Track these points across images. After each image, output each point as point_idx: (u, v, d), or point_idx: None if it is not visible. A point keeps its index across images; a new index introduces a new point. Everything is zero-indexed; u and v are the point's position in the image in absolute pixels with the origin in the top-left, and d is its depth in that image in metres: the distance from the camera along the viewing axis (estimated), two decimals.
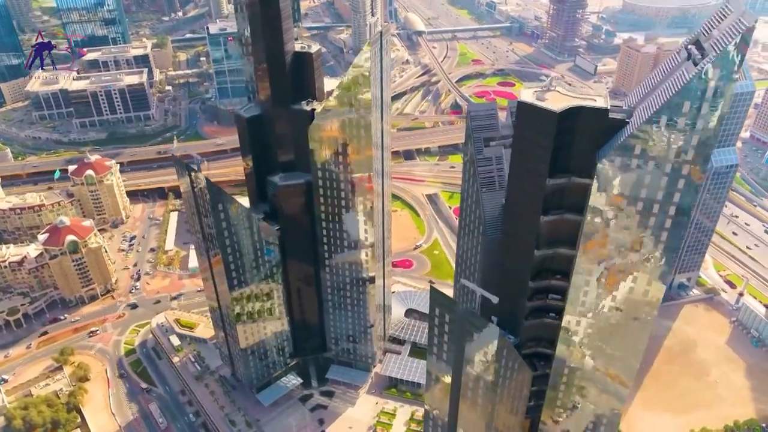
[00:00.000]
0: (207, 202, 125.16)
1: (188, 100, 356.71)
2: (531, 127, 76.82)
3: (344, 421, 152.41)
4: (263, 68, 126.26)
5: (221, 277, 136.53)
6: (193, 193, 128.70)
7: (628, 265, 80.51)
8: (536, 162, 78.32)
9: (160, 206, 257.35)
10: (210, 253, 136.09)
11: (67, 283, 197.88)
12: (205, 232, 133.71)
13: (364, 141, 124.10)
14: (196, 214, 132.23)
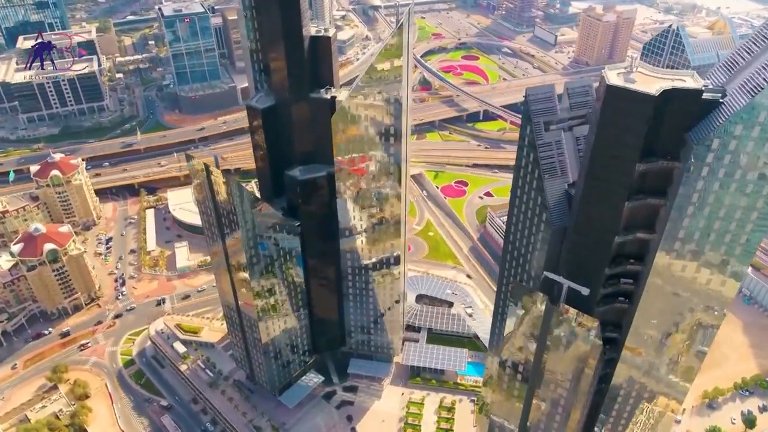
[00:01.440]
0: (232, 202, 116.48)
1: (142, 87, 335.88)
2: (623, 112, 73.92)
3: (374, 416, 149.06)
4: (280, 54, 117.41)
5: (242, 279, 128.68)
6: (210, 192, 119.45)
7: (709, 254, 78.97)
8: (626, 147, 75.70)
9: (132, 204, 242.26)
10: (230, 254, 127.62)
11: (47, 294, 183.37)
12: (225, 233, 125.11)
13: (395, 122, 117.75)
14: (214, 213, 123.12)
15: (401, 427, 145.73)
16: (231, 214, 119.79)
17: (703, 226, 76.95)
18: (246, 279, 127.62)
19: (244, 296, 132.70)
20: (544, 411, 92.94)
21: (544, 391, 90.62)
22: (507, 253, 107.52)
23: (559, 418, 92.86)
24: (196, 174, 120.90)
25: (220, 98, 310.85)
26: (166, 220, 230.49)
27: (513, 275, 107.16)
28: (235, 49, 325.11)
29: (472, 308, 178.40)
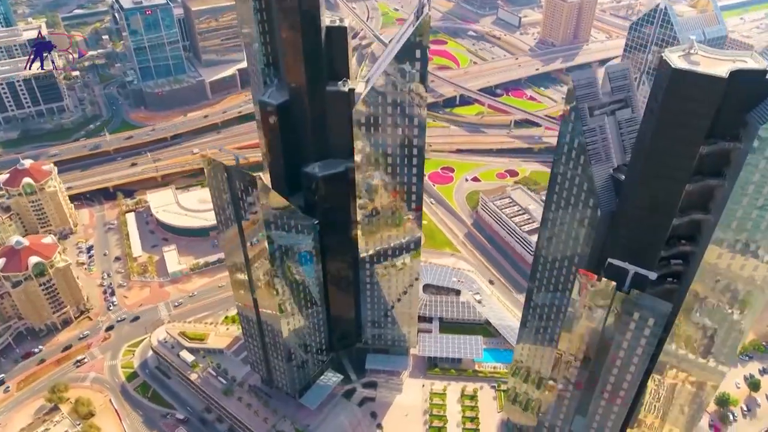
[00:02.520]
0: (257, 203, 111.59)
1: (102, 85, 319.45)
2: (690, 95, 73.83)
3: (397, 410, 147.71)
4: (296, 46, 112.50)
5: (264, 280, 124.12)
6: (231, 193, 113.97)
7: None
8: (691, 129, 75.76)
9: (109, 209, 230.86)
10: (251, 256, 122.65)
11: (34, 310, 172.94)
12: (244, 235, 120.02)
13: (417, 111, 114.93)
14: (233, 213, 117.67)
15: (427, 419, 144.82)
16: (252, 215, 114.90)
17: (762, 204, 77.96)
18: (268, 280, 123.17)
19: (264, 298, 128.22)
20: (604, 399, 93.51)
21: (604, 378, 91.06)
22: (543, 240, 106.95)
23: (618, 408, 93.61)
24: (215, 174, 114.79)
25: (188, 93, 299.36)
26: (149, 224, 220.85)
27: (550, 263, 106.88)
28: (199, 41, 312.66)
29: (480, 294, 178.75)
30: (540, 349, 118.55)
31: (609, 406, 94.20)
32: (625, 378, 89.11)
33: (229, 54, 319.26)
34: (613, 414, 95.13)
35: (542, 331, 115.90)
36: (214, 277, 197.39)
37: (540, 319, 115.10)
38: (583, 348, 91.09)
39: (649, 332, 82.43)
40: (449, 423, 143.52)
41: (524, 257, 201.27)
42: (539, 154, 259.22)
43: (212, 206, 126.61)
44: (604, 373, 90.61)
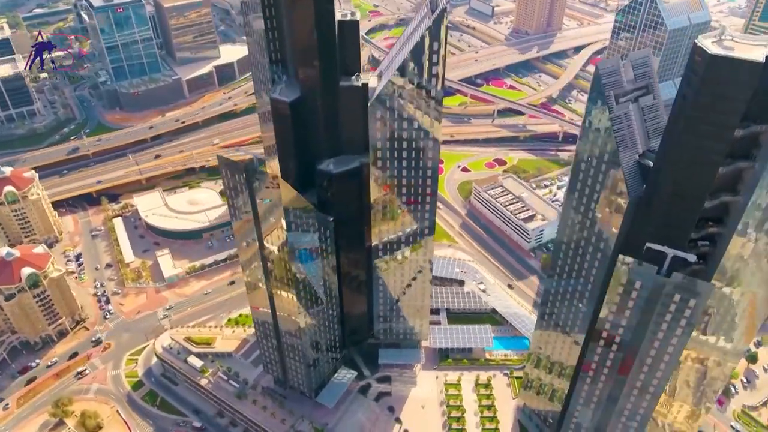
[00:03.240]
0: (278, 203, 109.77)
1: (72, 86, 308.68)
2: (727, 80, 75.48)
3: (414, 403, 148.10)
4: (310, 42, 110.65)
5: (283, 281, 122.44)
6: (249, 193, 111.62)
7: None
8: (727, 114, 77.36)
9: (94, 214, 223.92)
10: (269, 256, 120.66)
11: (29, 323, 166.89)
12: (262, 235, 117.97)
13: (434, 105, 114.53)
14: (251, 214, 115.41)
15: (444, 410, 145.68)
16: (272, 215, 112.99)
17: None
18: (286, 279, 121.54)
19: (282, 297, 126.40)
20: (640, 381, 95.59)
21: (640, 362, 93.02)
22: (565, 228, 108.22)
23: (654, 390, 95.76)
24: (232, 175, 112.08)
25: (164, 93, 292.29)
26: (138, 228, 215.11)
27: (573, 251, 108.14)
28: (173, 38, 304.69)
29: (484, 284, 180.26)
30: (561, 337, 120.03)
31: (644, 388, 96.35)
32: (663, 359, 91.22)
33: (204, 51, 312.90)
34: (648, 395, 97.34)
35: (563, 318, 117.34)
36: (211, 279, 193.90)
37: (561, 307, 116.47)
38: (620, 332, 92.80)
39: (690, 313, 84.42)
40: (467, 412, 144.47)
41: (520, 245, 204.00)
42: (525, 142, 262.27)
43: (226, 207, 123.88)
44: (641, 357, 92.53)
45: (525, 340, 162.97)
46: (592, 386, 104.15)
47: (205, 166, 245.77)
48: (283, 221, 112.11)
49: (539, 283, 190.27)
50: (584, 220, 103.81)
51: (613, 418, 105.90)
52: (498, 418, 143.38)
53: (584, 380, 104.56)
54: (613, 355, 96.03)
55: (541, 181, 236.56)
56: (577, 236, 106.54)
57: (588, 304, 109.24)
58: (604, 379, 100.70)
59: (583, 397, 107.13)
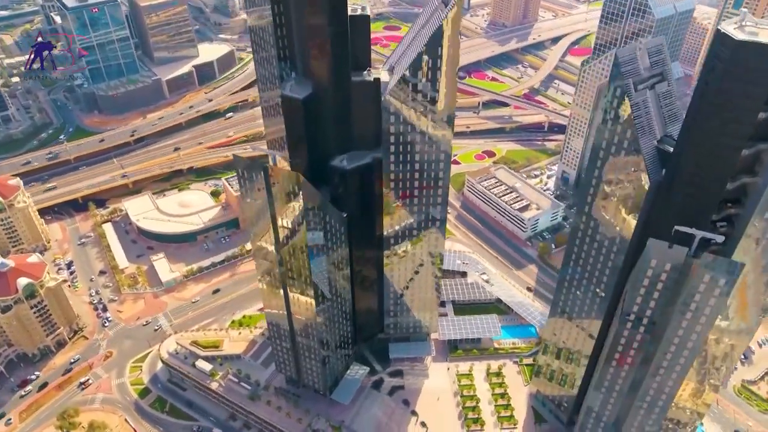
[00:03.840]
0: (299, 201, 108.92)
1: (46, 90, 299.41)
2: (753, 65, 77.79)
3: (428, 395, 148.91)
4: (323, 38, 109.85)
5: (300, 278, 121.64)
6: (268, 192, 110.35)
7: None
8: (751, 98, 79.81)
9: (82, 221, 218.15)
10: (286, 255, 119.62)
11: (26, 335, 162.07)
12: (278, 233, 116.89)
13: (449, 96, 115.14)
14: (269, 213, 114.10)
15: (459, 401, 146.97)
16: (291, 213, 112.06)
17: None
18: (303, 278, 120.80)
19: (298, 296, 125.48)
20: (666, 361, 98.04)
21: (666, 342, 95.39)
22: (582, 214, 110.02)
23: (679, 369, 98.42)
24: (250, 174, 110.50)
25: (144, 94, 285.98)
26: (129, 233, 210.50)
27: (590, 238, 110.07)
28: (150, 38, 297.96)
29: (487, 274, 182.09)
30: (576, 324, 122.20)
31: (670, 369, 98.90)
32: (690, 339, 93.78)
33: (182, 50, 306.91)
34: (672, 377, 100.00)
35: (579, 305, 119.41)
36: (210, 282, 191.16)
37: (577, 294, 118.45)
38: (647, 315, 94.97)
39: (719, 292, 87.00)
40: (481, 401, 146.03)
41: (516, 234, 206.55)
42: (512, 133, 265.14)
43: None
44: (667, 338, 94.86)
45: (531, 328, 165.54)
46: (615, 370, 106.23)
47: (193, 168, 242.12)
48: (304, 219, 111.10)
49: (538, 271, 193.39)
50: (601, 207, 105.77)
51: (636, 401, 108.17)
52: (512, 406, 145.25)
53: (609, 363, 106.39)
54: (639, 337, 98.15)
55: (531, 171, 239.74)
56: (594, 223, 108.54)
57: (606, 289, 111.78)
58: (628, 362, 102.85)
59: (607, 380, 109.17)
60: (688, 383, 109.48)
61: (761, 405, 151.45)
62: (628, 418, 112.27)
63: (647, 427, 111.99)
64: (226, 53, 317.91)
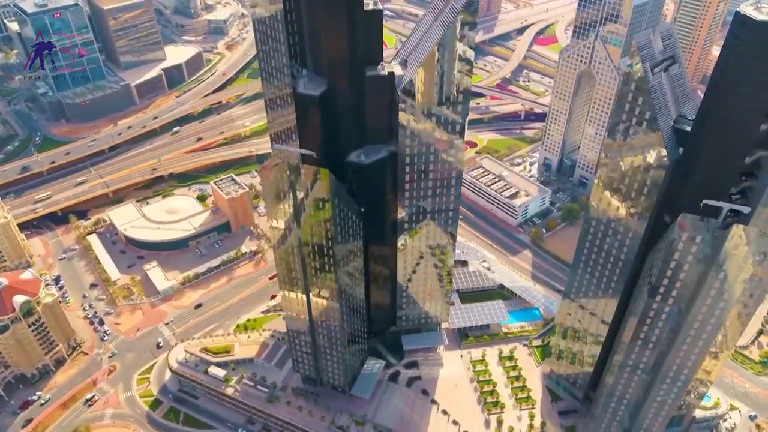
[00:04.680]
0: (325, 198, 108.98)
1: (5, 100, 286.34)
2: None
3: (446, 383, 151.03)
4: (341, 32, 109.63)
5: (324, 275, 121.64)
6: (292, 189, 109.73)
7: None
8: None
9: (64, 234, 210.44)
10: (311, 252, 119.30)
11: (24, 355, 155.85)
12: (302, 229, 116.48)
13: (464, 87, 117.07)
14: (293, 211, 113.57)
15: (476, 386, 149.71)
16: (316, 209, 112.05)
17: None
18: (327, 274, 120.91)
19: (319, 292, 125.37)
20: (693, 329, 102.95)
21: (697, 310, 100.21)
22: (599, 192, 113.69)
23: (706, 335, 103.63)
24: (278, 172, 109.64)
25: (113, 100, 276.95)
26: (117, 244, 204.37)
27: (606, 216, 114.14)
28: (115, 42, 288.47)
29: (487, 262, 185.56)
30: (594, 302, 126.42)
31: (696, 338, 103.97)
32: (717, 307, 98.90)
33: (148, 54, 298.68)
34: (698, 347, 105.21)
35: (596, 284, 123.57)
36: (209, 287, 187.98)
37: (594, 273, 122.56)
38: (677, 287, 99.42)
39: (750, 261, 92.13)
40: (498, 385, 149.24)
41: (507, 221, 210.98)
42: (490, 123, 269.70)
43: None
44: (696, 309, 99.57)
45: (535, 310, 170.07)
46: (642, 345, 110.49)
47: (174, 173, 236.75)
48: (331, 216, 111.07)
49: (532, 256, 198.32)
50: (619, 185, 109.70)
51: (660, 376, 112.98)
52: (528, 387, 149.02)
53: (636, 338, 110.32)
54: (668, 309, 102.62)
55: (513, 159, 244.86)
56: (612, 201, 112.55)
57: (624, 267, 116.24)
58: (655, 337, 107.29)
59: (632, 358, 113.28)
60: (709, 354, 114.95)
61: (755, 368, 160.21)
62: (651, 392, 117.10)
63: (670, 400, 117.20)
64: (194, 55, 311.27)
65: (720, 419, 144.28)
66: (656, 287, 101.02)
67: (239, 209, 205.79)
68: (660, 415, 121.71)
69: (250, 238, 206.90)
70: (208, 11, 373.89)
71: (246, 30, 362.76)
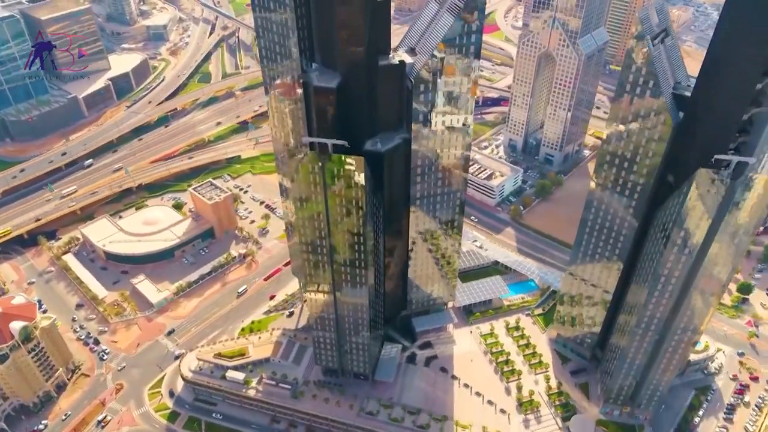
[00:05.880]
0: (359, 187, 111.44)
1: None
2: None
3: (462, 359, 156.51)
4: (357, 24, 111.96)
5: (353, 265, 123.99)
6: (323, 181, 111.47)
7: None
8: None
9: (35, 256, 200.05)
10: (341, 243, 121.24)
11: (25, 383, 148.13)
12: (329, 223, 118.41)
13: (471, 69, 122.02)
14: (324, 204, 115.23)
15: (491, 358, 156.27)
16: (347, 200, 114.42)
17: None
18: (354, 261, 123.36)
19: (347, 281, 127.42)
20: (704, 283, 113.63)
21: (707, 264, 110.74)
22: (605, 157, 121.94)
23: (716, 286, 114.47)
24: (309, 165, 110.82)
25: (61, 114, 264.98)
26: (96, 261, 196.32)
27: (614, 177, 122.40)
28: (56, 53, 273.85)
29: (478, 241, 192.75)
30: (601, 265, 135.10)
31: (709, 284, 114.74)
32: (729, 254, 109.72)
33: (92, 64, 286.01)
34: (710, 288, 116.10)
35: (603, 246, 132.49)
36: (203, 295, 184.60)
37: (600, 235, 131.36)
38: (695, 238, 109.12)
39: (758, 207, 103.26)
40: (511, 354, 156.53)
41: (485, 202, 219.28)
42: None
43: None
44: (710, 257, 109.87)
45: (531, 282, 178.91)
46: (656, 302, 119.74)
47: (143, 184, 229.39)
48: (363, 203, 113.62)
49: (515, 232, 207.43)
50: (626, 148, 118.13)
51: (672, 328, 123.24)
52: (538, 353, 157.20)
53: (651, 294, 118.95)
54: (684, 259, 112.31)
55: (479, 143, 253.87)
56: (618, 164, 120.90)
57: (629, 227, 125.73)
58: (670, 288, 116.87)
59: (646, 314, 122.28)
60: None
61: (729, 312, 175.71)
62: (663, 344, 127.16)
63: (680, 349, 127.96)
64: (140, 63, 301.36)
65: (709, 360, 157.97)
66: (673, 239, 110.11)
67: (223, 214, 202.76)
68: (671, 365, 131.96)
69: (236, 242, 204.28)
70: (145, 17, 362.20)
71: (187, 34, 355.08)
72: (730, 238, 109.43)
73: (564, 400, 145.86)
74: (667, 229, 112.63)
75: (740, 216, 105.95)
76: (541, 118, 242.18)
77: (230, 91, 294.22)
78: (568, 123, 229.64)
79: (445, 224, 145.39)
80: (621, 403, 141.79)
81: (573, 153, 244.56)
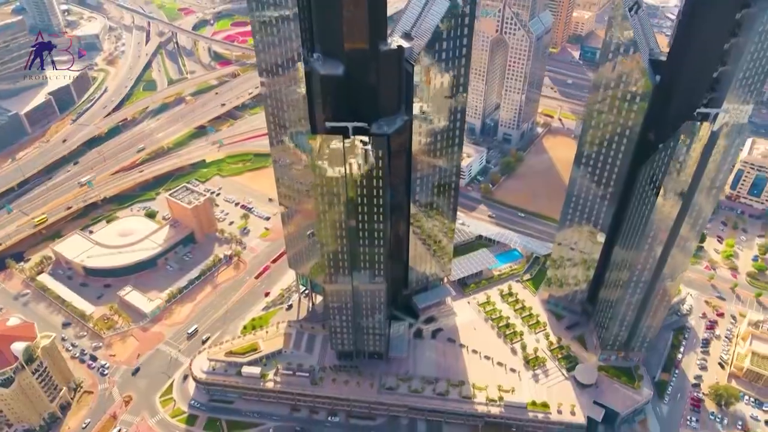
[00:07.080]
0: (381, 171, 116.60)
1: None
2: None
3: (465, 328, 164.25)
4: (360, 12, 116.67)
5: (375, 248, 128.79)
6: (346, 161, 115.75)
7: None
8: None
9: (5, 280, 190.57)
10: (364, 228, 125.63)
11: (30, 406, 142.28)
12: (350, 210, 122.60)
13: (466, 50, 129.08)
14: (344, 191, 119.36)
15: (492, 324, 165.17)
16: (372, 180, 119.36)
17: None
18: (375, 244, 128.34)
19: (363, 263, 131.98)
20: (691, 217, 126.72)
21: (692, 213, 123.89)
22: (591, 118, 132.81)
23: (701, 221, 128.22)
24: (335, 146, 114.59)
25: (3, 132, 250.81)
26: (73, 278, 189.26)
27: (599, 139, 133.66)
28: None
29: (459, 218, 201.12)
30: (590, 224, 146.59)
31: (695, 224, 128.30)
32: (709, 202, 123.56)
33: (28, 78, 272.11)
34: (694, 233, 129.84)
35: (590, 205, 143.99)
36: (196, 299, 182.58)
37: (588, 196, 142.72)
38: (682, 186, 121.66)
39: (734, 150, 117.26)
40: (510, 318, 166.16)
41: None
42: None
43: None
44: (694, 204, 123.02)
45: (515, 251, 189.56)
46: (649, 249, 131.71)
47: (108, 197, 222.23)
48: (383, 184, 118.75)
49: (488, 209, 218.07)
50: (610, 111, 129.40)
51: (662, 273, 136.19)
52: (534, 314, 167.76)
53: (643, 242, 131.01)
54: (672, 205, 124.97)
55: None
56: (603, 126, 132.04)
57: (616, 185, 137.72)
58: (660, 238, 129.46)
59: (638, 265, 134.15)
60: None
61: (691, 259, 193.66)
62: (652, 293, 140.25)
63: (666, 298, 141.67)
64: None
65: (681, 303, 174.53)
66: (664, 187, 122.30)
67: (203, 217, 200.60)
68: (660, 310, 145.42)
69: (219, 244, 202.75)
70: (73, 28, 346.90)
71: (121, 43, 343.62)
72: (711, 183, 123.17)
73: (565, 353, 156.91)
74: (656, 180, 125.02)
75: (719, 161, 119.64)
76: (495, 99, 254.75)
77: (179, 97, 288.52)
78: (523, 103, 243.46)
79: (442, 200, 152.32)
80: (617, 349, 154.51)
81: (528, 131, 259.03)
